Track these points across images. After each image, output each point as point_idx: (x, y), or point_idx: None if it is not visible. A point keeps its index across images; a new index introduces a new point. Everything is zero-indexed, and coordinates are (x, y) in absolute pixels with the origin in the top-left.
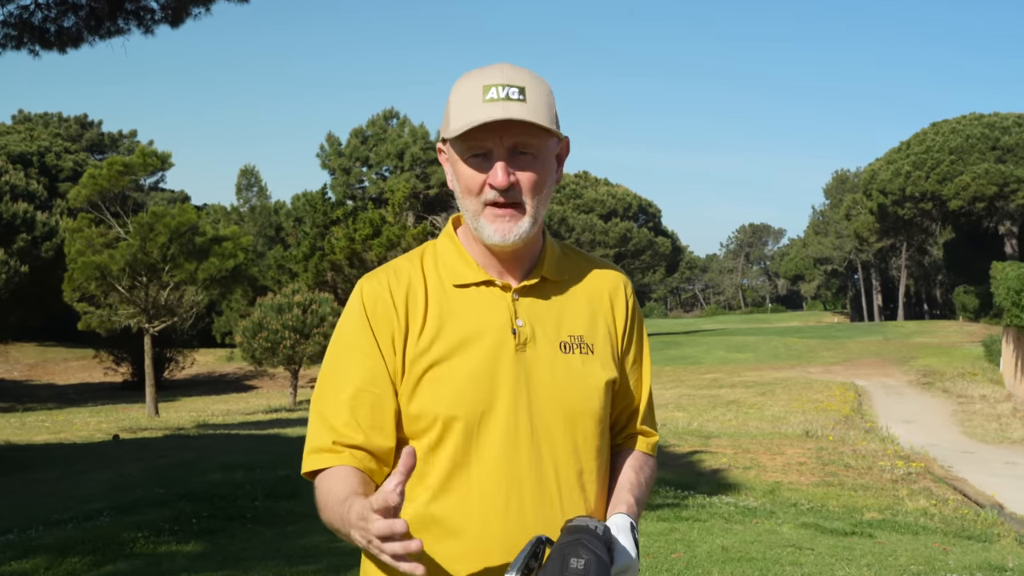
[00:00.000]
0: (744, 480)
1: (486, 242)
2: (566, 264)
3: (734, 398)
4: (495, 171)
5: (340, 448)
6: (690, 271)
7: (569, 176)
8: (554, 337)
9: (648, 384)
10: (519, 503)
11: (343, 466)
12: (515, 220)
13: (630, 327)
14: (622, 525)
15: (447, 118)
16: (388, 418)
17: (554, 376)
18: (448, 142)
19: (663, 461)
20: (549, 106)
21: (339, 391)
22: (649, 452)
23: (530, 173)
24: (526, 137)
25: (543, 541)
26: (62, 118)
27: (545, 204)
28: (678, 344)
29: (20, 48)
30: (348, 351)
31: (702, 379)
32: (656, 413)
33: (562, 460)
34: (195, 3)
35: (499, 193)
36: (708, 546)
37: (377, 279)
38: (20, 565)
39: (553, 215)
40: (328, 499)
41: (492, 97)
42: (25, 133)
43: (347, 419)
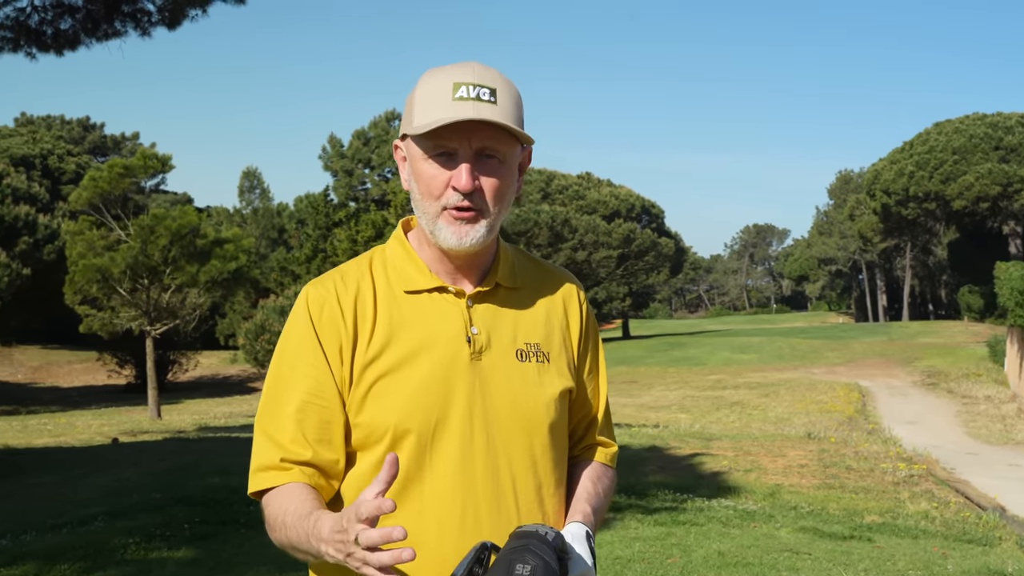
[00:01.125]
0: (744, 483)
1: (442, 246)
2: (521, 271)
3: (738, 399)
4: (459, 173)
5: (288, 465)
6: (694, 272)
7: (572, 177)
8: (510, 345)
9: (605, 393)
10: (475, 517)
11: (295, 483)
12: (472, 224)
13: (585, 335)
14: (577, 534)
15: (409, 114)
16: (336, 431)
17: (510, 385)
18: (408, 139)
19: (663, 464)
20: (519, 110)
21: (284, 404)
22: (608, 463)
23: (495, 179)
24: (494, 141)
25: (488, 547)
26: (64, 121)
27: (505, 213)
28: (682, 345)
29: (17, 51)
30: (293, 362)
31: (706, 380)
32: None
33: (519, 472)
34: (192, 5)
35: (462, 197)
36: (704, 551)
37: (323, 285)
38: (9, 572)
39: (556, 216)
40: (285, 517)
41: (462, 96)
42: (28, 136)
43: (293, 434)
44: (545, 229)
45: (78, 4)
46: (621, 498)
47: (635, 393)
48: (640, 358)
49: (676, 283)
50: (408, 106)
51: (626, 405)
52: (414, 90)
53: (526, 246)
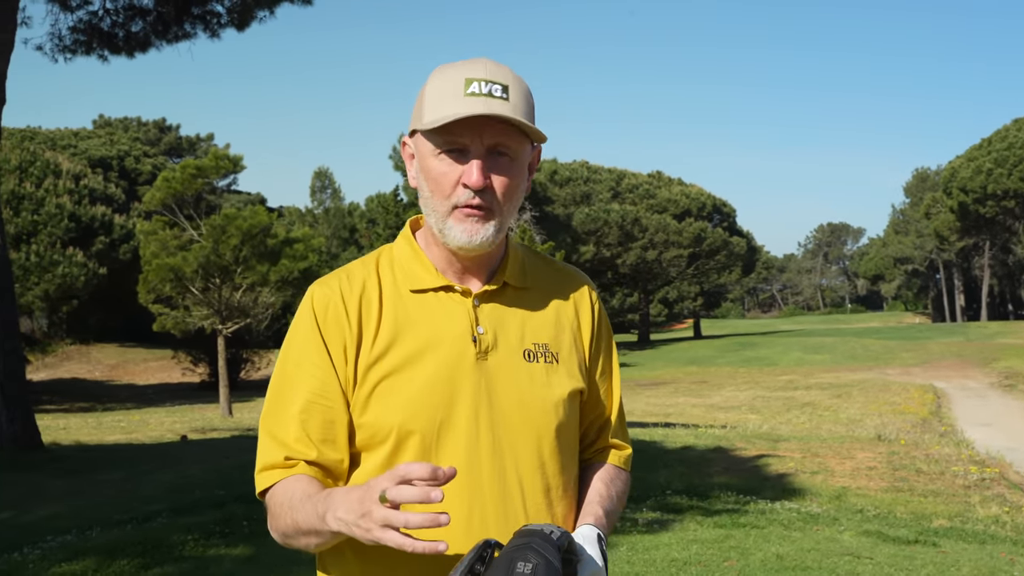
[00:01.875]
0: (810, 485)
1: (451, 244)
2: (531, 270)
3: (809, 400)
4: (470, 169)
5: (293, 463)
6: (767, 271)
7: (642, 176)
8: (517, 345)
9: (618, 395)
10: (481, 519)
11: (300, 474)
12: (483, 223)
13: (597, 336)
14: (589, 536)
15: (419, 109)
16: (340, 431)
17: (517, 386)
18: (418, 135)
19: (727, 465)
20: (531, 108)
21: (288, 404)
22: (622, 466)
23: (506, 176)
24: (505, 138)
25: (491, 545)
26: (141, 122)
27: (515, 212)
28: (754, 345)
29: (90, 53)
30: (297, 362)
31: (777, 381)
32: (729, 415)
33: (527, 474)
34: (260, 6)
35: (472, 194)
36: (763, 554)
37: (328, 284)
38: (70, 567)
39: (626, 215)
40: (292, 500)
41: (474, 91)
42: (105, 137)
43: (298, 434)
44: (615, 228)
45: (149, 7)
46: (682, 499)
47: (705, 393)
48: (711, 358)
49: (748, 283)
50: (418, 102)
51: (695, 406)
52: (424, 86)
53: (596, 245)
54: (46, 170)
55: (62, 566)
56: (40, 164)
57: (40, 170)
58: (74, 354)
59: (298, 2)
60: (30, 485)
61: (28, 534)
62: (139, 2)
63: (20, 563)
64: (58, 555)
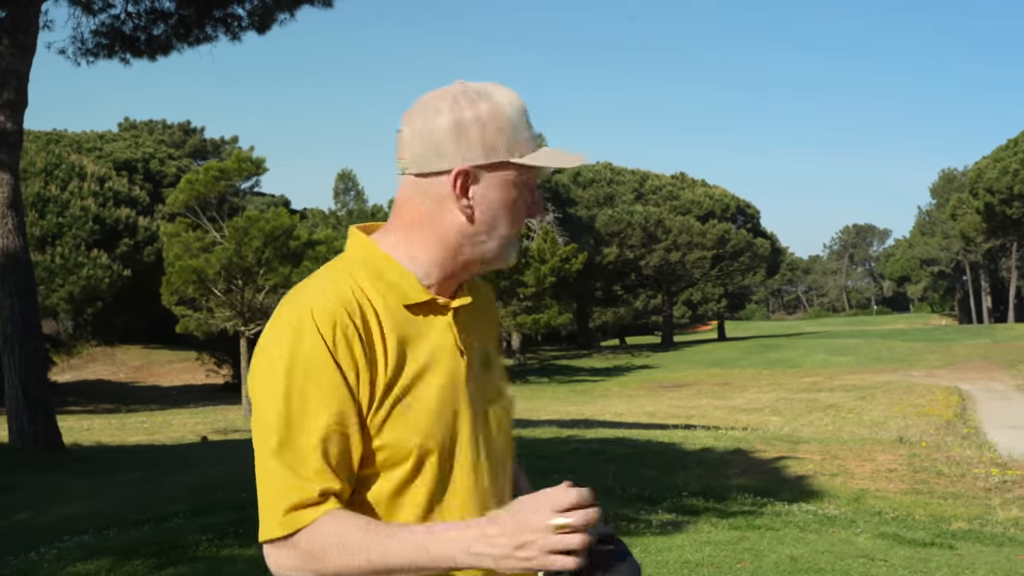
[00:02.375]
0: (829, 487)
1: (502, 265)
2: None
3: (832, 402)
4: (539, 201)
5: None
6: (791, 273)
7: (666, 177)
8: (480, 353)
9: None
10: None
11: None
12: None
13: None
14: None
15: (489, 135)
16: (356, 459)
17: (491, 395)
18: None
19: (746, 467)
20: None
21: (306, 433)
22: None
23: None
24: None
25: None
26: (166, 125)
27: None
28: (777, 347)
29: (112, 56)
30: (306, 386)
31: (800, 383)
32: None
33: (507, 475)
34: (280, 9)
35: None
36: (776, 556)
37: (326, 300)
38: (84, 566)
39: (649, 217)
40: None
41: (529, 124)
42: (130, 140)
43: (322, 466)
44: (638, 230)
45: (170, 10)
46: (698, 501)
47: (727, 395)
48: (734, 360)
49: (773, 284)
50: (494, 123)
51: (718, 408)
52: (499, 108)
53: (619, 247)
54: (71, 173)
55: (77, 566)
56: (65, 167)
57: (65, 173)
58: (99, 356)
59: (318, 4)
60: (50, 486)
61: (46, 534)
62: (161, 5)
63: (36, 563)
64: (74, 555)
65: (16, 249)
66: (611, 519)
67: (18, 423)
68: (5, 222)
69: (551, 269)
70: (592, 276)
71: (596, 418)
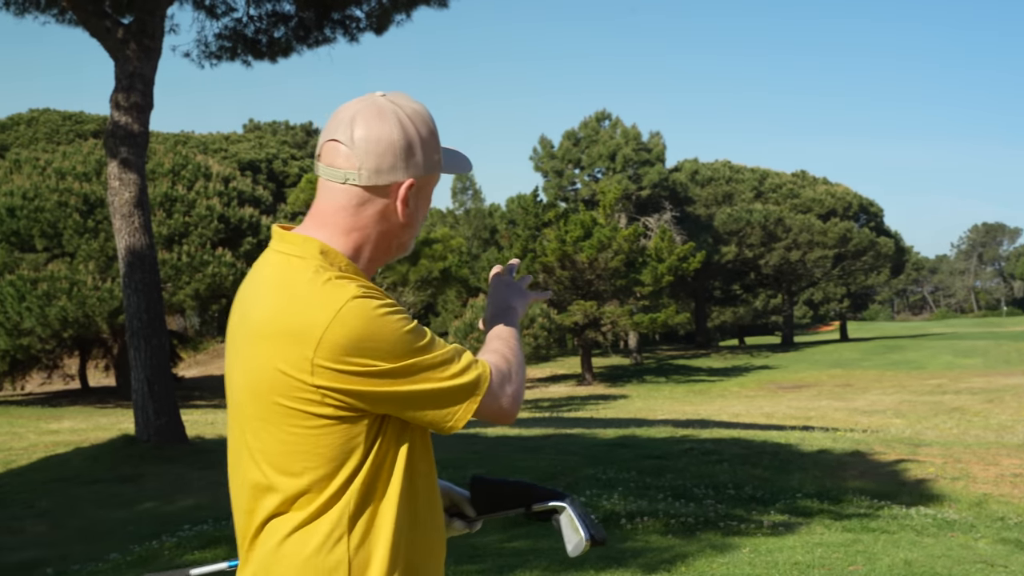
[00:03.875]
0: (949, 491)
1: (391, 262)
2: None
3: (958, 405)
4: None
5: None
6: (917, 273)
7: (786, 175)
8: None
9: None
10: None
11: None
12: None
13: None
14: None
15: (430, 155)
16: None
17: None
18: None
19: (863, 469)
20: None
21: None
22: None
23: None
24: None
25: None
26: (289, 126)
27: None
28: (901, 349)
29: (234, 59)
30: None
31: (925, 385)
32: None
33: None
34: (397, 10)
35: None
36: (890, 559)
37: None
38: (202, 554)
39: (769, 215)
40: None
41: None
42: (254, 141)
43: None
44: (758, 228)
45: (291, 13)
46: (812, 503)
47: (848, 397)
48: (856, 361)
49: (897, 284)
50: (430, 142)
51: (837, 409)
52: (431, 126)
53: (738, 246)
54: (197, 173)
55: (195, 553)
56: (192, 167)
57: (192, 173)
58: (223, 352)
59: (434, 4)
60: (173, 477)
61: (169, 523)
62: (281, 8)
63: (156, 550)
64: (192, 543)
65: (142, 247)
66: (722, 518)
67: (144, 416)
68: (132, 221)
69: (668, 268)
70: (710, 275)
71: (712, 418)
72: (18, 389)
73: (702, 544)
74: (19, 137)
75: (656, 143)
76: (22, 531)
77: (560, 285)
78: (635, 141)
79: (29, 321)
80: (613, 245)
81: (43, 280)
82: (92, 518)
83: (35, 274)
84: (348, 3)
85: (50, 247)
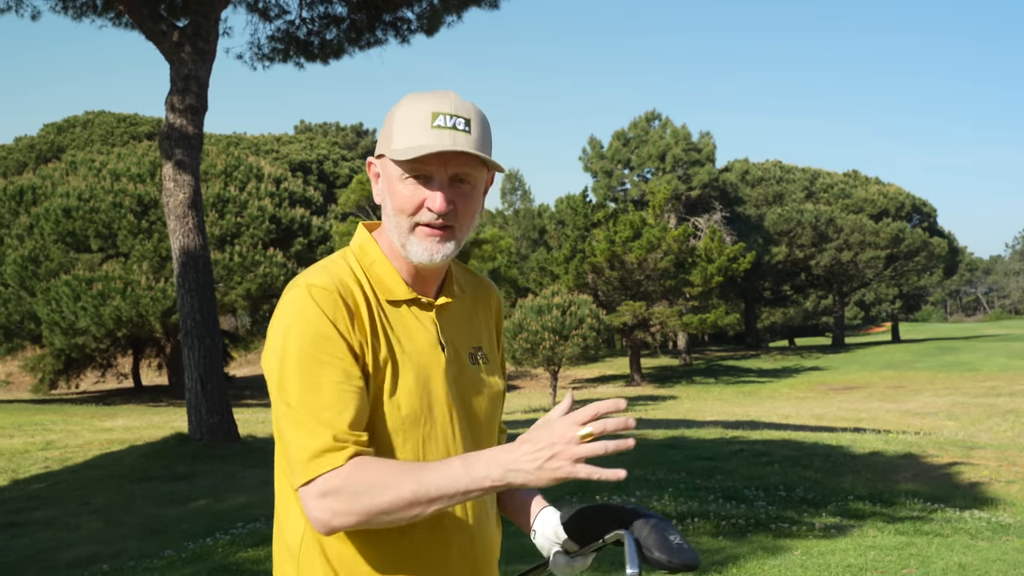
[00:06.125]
0: (1004, 495)
1: (412, 260)
2: (460, 280)
3: (1012, 407)
4: (435, 197)
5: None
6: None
7: (837, 175)
8: (464, 350)
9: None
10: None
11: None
12: (444, 242)
13: (499, 336)
14: (553, 518)
15: (388, 135)
16: (366, 415)
17: (472, 388)
18: (385, 158)
19: (916, 472)
20: (489, 140)
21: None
22: None
23: (465, 202)
24: (467, 168)
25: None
26: (339, 127)
27: (471, 231)
28: (955, 350)
29: (286, 61)
30: (314, 352)
31: (979, 387)
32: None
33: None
34: (448, 11)
35: (436, 216)
36: (944, 563)
37: (322, 279)
38: (255, 552)
39: (820, 215)
40: (402, 471)
41: (440, 124)
42: (305, 142)
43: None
44: (809, 229)
45: (343, 15)
46: (864, 505)
47: (900, 399)
48: (908, 363)
49: (951, 285)
50: (387, 127)
51: (889, 411)
52: (393, 112)
53: (788, 246)
54: (249, 174)
55: (248, 551)
56: (244, 168)
57: (244, 174)
58: None
59: (485, 6)
60: (226, 475)
61: (222, 520)
62: (333, 11)
63: (211, 548)
64: (246, 541)
65: (196, 247)
66: (773, 520)
67: (197, 414)
68: (186, 221)
69: (718, 268)
70: (760, 276)
71: (762, 420)
72: (73, 387)
73: (753, 546)
74: (75, 139)
75: (706, 143)
76: (78, 528)
77: (609, 286)
78: (685, 141)
79: (84, 320)
80: (662, 245)
81: (98, 280)
82: (146, 515)
83: (90, 274)
84: (399, 5)
85: (105, 247)
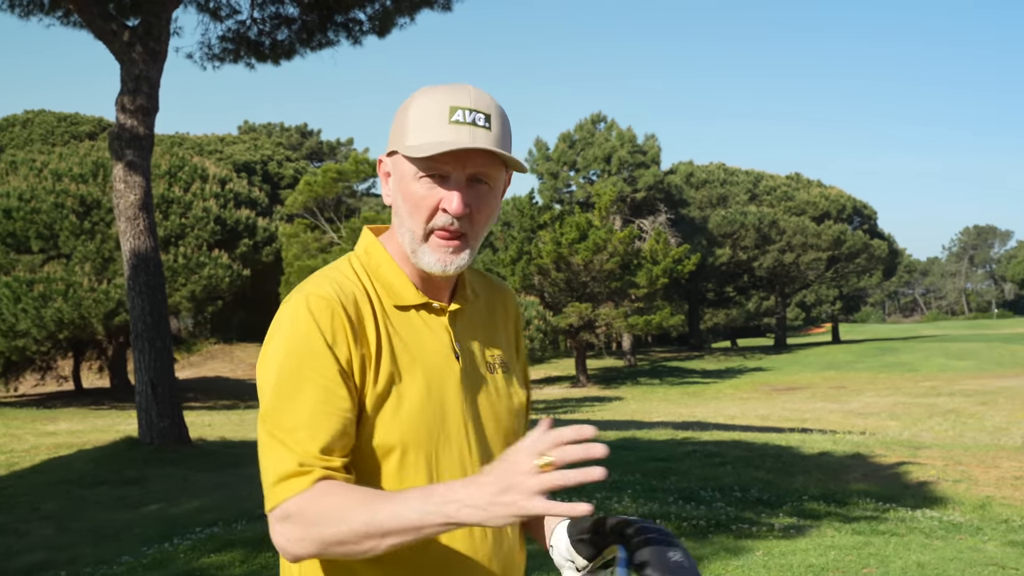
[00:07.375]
0: (952, 494)
1: (425, 269)
2: (474, 285)
3: (952, 407)
4: (452, 197)
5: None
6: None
7: (780, 178)
8: (480, 358)
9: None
10: (482, 530)
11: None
12: (458, 252)
13: (518, 342)
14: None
15: (401, 132)
16: (350, 438)
17: (489, 398)
18: (397, 156)
19: (866, 471)
20: (509, 137)
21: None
22: None
23: (484, 204)
24: (487, 167)
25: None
26: (284, 128)
27: (485, 235)
28: (895, 351)
29: (237, 61)
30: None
31: (919, 387)
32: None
33: None
34: (400, 13)
35: (451, 220)
36: (903, 562)
37: (323, 294)
38: (219, 557)
39: (763, 217)
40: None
41: (458, 120)
42: (250, 143)
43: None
44: (752, 231)
45: (294, 16)
46: (819, 505)
47: (843, 399)
48: (850, 363)
49: (890, 286)
50: (399, 122)
51: (832, 411)
52: (407, 106)
53: (732, 248)
54: (194, 175)
55: (211, 556)
56: (188, 169)
57: (188, 175)
58: (218, 353)
59: (438, 8)
60: (178, 479)
61: (176, 525)
62: (285, 11)
63: (171, 553)
64: (207, 546)
65: (147, 249)
66: (733, 521)
67: (147, 418)
68: (137, 223)
69: (663, 270)
70: (704, 277)
71: (709, 420)
72: (11, 391)
73: (716, 547)
74: (14, 139)
75: (651, 145)
76: (28, 534)
77: (556, 287)
78: (630, 143)
79: (25, 323)
80: (608, 247)
81: (39, 282)
82: (98, 520)
83: (31, 276)
84: (351, 6)
85: (46, 249)
